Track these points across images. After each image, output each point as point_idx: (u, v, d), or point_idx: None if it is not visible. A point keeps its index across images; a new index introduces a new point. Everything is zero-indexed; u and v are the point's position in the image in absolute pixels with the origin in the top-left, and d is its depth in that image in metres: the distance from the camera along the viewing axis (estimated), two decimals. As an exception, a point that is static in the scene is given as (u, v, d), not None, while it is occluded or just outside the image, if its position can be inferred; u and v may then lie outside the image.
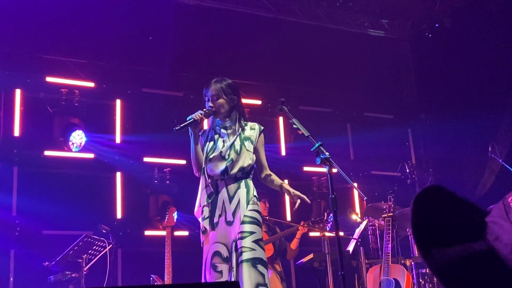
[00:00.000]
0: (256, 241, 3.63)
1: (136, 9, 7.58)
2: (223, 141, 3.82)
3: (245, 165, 3.77)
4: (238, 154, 3.77)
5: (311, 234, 6.93)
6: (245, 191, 3.75)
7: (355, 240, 6.07)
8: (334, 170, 3.55)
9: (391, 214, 5.42)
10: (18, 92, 6.82)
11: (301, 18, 8.74)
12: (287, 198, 8.11)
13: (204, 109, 3.81)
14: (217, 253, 3.66)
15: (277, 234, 6.13)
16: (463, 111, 8.36)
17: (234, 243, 3.62)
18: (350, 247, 6.09)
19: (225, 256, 3.64)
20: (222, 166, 3.73)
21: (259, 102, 8.00)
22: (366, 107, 9.17)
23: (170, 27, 7.57)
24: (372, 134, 8.61)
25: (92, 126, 7.09)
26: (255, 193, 3.80)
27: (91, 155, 7.00)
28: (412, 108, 9.41)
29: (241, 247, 3.58)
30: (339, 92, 8.87)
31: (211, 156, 3.77)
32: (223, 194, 3.74)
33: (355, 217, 6.85)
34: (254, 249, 3.60)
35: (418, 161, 9.09)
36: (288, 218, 7.95)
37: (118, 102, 7.42)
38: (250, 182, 3.83)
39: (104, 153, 7.14)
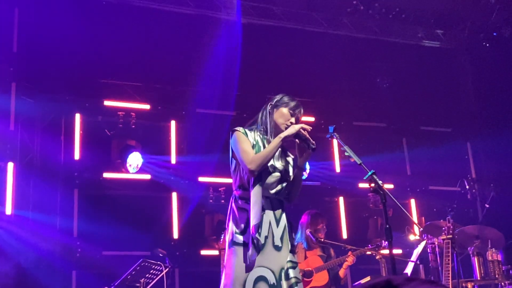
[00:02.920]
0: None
1: (187, 31, 7.70)
2: (273, 159, 3.58)
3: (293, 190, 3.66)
4: (290, 176, 3.65)
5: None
6: (286, 217, 3.59)
7: (413, 263, 5.91)
8: (389, 186, 3.48)
9: (450, 236, 5.22)
10: (77, 116, 7.02)
11: (353, 32, 8.65)
12: (343, 218, 8.03)
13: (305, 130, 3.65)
14: (262, 278, 3.36)
15: (330, 261, 5.92)
16: (524, 122, 8.05)
17: (283, 271, 3.42)
18: (408, 270, 5.94)
19: (271, 283, 3.35)
20: (278, 186, 3.57)
21: (312, 119, 7.94)
22: (422, 121, 8.96)
23: (221, 47, 7.64)
24: (429, 148, 8.40)
25: (148, 148, 7.24)
26: None
27: (147, 176, 7.14)
28: (471, 120, 9.12)
29: (294, 277, 3.43)
30: (394, 105, 8.70)
31: (270, 170, 3.54)
32: (269, 214, 3.49)
33: (413, 237, 6.69)
34: (301, 282, 3.53)
35: (478, 176, 8.80)
36: (344, 236, 7.85)
37: (173, 123, 7.54)
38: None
39: (160, 174, 7.27)
